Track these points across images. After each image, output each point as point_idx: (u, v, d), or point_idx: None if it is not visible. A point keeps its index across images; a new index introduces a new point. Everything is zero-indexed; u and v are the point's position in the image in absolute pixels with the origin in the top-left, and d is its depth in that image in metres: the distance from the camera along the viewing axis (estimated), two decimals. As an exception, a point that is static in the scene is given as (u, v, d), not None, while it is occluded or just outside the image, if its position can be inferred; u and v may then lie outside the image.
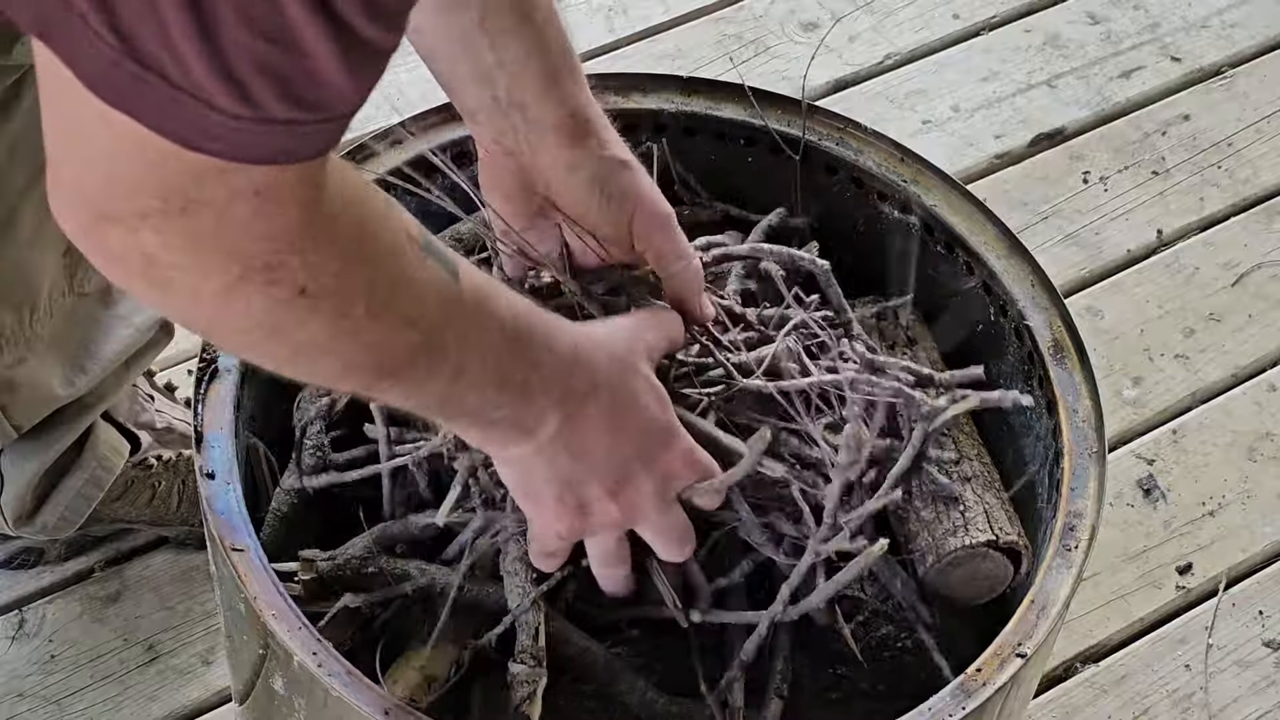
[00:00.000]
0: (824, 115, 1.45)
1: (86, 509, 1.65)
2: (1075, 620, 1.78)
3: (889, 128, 1.58)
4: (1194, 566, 1.85)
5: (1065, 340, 1.31)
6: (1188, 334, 2.05)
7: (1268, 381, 2.02)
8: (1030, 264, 1.36)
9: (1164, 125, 2.27)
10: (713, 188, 1.47)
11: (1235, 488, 1.92)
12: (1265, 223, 2.18)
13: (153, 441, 1.69)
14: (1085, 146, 2.24)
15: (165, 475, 1.70)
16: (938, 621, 1.21)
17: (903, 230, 1.41)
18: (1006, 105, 2.28)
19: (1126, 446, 1.94)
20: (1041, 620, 1.14)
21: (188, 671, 1.70)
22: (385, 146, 1.39)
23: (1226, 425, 1.97)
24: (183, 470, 1.70)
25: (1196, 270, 2.12)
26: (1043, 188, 2.19)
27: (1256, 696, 1.76)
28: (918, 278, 1.44)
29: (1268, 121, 2.29)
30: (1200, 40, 2.38)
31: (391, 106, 2.15)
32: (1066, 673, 1.77)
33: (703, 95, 1.46)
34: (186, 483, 1.71)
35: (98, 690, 1.69)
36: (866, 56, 2.32)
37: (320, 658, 1.09)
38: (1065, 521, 1.20)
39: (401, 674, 1.17)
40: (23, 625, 1.73)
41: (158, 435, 1.70)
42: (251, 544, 1.14)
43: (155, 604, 1.75)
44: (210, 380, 1.23)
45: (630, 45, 2.30)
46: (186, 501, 1.71)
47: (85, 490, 1.63)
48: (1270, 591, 1.84)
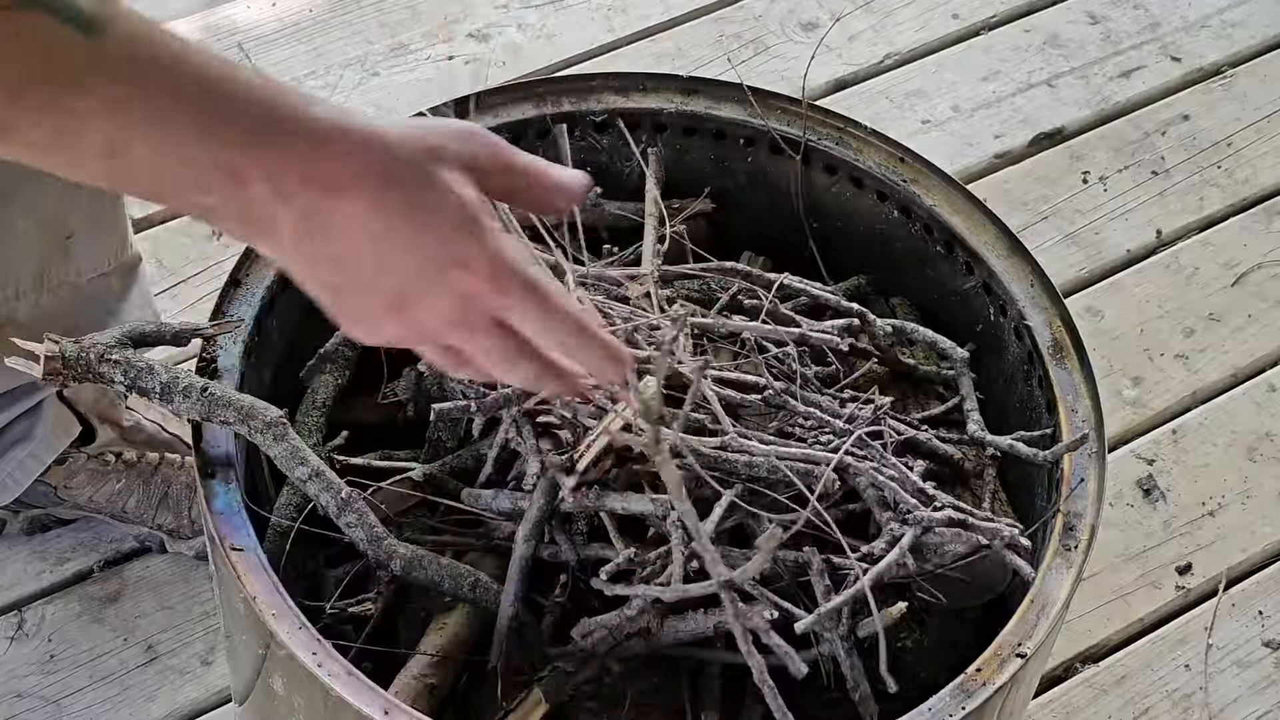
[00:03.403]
0: (824, 115, 1.45)
1: (27, 480, 1.70)
2: (1075, 620, 1.78)
3: (889, 128, 1.58)
4: (1194, 566, 1.85)
5: (1065, 340, 1.31)
6: (1188, 334, 2.05)
7: (1268, 381, 2.02)
8: (1030, 264, 1.36)
9: (1164, 125, 2.27)
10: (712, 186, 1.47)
11: (1235, 488, 1.92)
12: (1265, 223, 2.18)
13: (115, 437, 1.72)
14: (1085, 146, 2.24)
15: (124, 474, 1.73)
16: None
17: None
18: (1006, 105, 2.28)
19: (1126, 446, 1.94)
20: (1041, 620, 1.14)
21: (187, 671, 1.70)
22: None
23: (1226, 425, 1.97)
24: (145, 472, 1.73)
25: (1196, 270, 2.12)
26: (1043, 188, 2.19)
27: (1256, 696, 1.76)
28: (918, 277, 1.44)
29: (1268, 121, 2.29)
30: (1200, 40, 2.38)
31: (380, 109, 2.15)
32: (1066, 673, 1.77)
33: (703, 95, 1.46)
34: (149, 484, 1.73)
35: (97, 690, 1.68)
36: (866, 56, 2.32)
37: (320, 658, 1.09)
38: (1065, 522, 1.20)
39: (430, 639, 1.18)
40: (22, 625, 1.73)
41: (123, 432, 1.74)
42: (251, 544, 1.14)
43: (155, 604, 1.75)
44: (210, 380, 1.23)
45: (630, 45, 2.30)
46: (146, 504, 1.73)
47: (26, 462, 1.68)
48: (1270, 591, 1.84)
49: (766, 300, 1.31)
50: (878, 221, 1.45)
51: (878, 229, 1.45)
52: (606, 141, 1.46)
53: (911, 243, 1.43)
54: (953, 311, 1.42)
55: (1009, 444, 1.28)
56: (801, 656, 1.17)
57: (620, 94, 1.45)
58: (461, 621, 1.22)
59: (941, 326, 1.39)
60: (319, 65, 2.24)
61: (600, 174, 1.46)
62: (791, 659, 1.13)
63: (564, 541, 1.21)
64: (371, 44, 2.27)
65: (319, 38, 2.28)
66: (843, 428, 1.21)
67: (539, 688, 1.17)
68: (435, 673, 1.19)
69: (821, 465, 1.16)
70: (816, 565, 1.16)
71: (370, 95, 2.19)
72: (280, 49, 2.26)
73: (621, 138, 1.45)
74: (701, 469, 1.18)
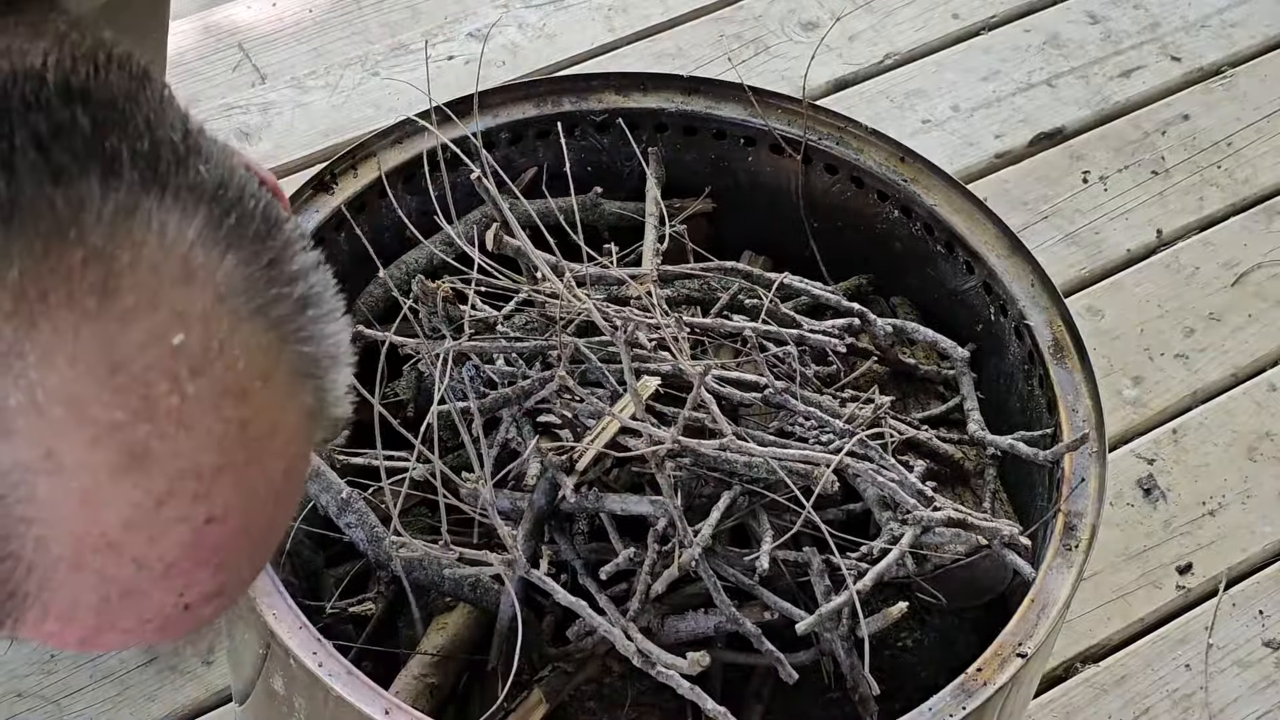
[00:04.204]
0: (824, 115, 1.45)
1: None
2: (1075, 620, 1.78)
3: (889, 127, 1.58)
4: (1194, 566, 1.85)
5: (1065, 340, 1.31)
6: (1188, 334, 2.05)
7: (1268, 381, 2.01)
8: (1030, 263, 1.36)
9: (1164, 125, 2.27)
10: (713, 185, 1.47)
11: (1235, 488, 1.91)
12: (1265, 223, 2.17)
13: None
14: (1085, 146, 2.24)
15: None
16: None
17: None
18: (1006, 105, 2.28)
19: (1126, 446, 1.94)
20: (1041, 620, 1.14)
21: (187, 671, 1.70)
22: (387, 145, 1.39)
23: (1226, 425, 1.97)
24: None
25: (1196, 270, 2.12)
26: (1042, 187, 2.19)
27: (1256, 696, 1.76)
28: (918, 277, 1.44)
29: (1268, 121, 2.29)
30: (1200, 40, 2.38)
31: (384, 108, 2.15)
32: (1066, 673, 1.77)
33: (703, 95, 1.46)
34: None
35: (97, 690, 1.68)
36: (866, 56, 2.31)
37: (320, 658, 1.09)
38: (1065, 521, 1.20)
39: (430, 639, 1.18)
40: (22, 625, 1.73)
41: None
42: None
43: (155, 604, 1.75)
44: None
45: (630, 45, 2.30)
46: None
47: None
48: (1270, 591, 1.84)
49: (766, 300, 1.31)
50: (878, 221, 1.45)
51: (878, 229, 1.45)
52: (607, 141, 1.46)
53: (912, 242, 1.43)
54: (953, 311, 1.42)
55: (1009, 444, 1.28)
56: (802, 656, 1.17)
57: (620, 94, 1.45)
58: (461, 621, 1.23)
59: (942, 326, 1.39)
60: (319, 65, 2.24)
61: (600, 174, 1.47)
62: (782, 665, 1.14)
63: (564, 541, 1.21)
64: (371, 44, 2.27)
65: (319, 38, 2.28)
66: (843, 428, 1.21)
67: (539, 688, 1.17)
68: (435, 673, 1.19)
69: (821, 466, 1.16)
70: (816, 565, 1.16)
71: (370, 95, 2.19)
72: (280, 49, 2.26)
73: (622, 137, 1.45)
74: (702, 469, 1.18)
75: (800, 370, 1.27)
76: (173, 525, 0.61)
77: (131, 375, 0.60)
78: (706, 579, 1.15)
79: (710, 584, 1.15)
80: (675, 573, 1.14)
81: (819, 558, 1.16)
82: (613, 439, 1.19)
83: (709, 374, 1.18)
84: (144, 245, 0.61)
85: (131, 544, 0.61)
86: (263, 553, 0.67)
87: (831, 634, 1.14)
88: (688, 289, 1.37)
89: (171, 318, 0.61)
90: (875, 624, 1.14)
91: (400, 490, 1.21)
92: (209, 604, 0.65)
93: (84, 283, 0.59)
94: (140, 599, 0.63)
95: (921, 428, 1.29)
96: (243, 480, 0.63)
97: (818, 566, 1.15)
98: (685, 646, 1.18)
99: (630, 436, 1.18)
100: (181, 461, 0.61)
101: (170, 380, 0.60)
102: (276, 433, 0.64)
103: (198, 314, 0.61)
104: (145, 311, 0.60)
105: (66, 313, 0.59)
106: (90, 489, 0.60)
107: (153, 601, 0.63)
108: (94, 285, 0.60)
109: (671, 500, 1.14)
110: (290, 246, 0.66)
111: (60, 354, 0.59)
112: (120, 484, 0.60)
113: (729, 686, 1.22)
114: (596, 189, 1.45)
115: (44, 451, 0.59)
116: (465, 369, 1.26)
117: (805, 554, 1.17)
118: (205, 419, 0.61)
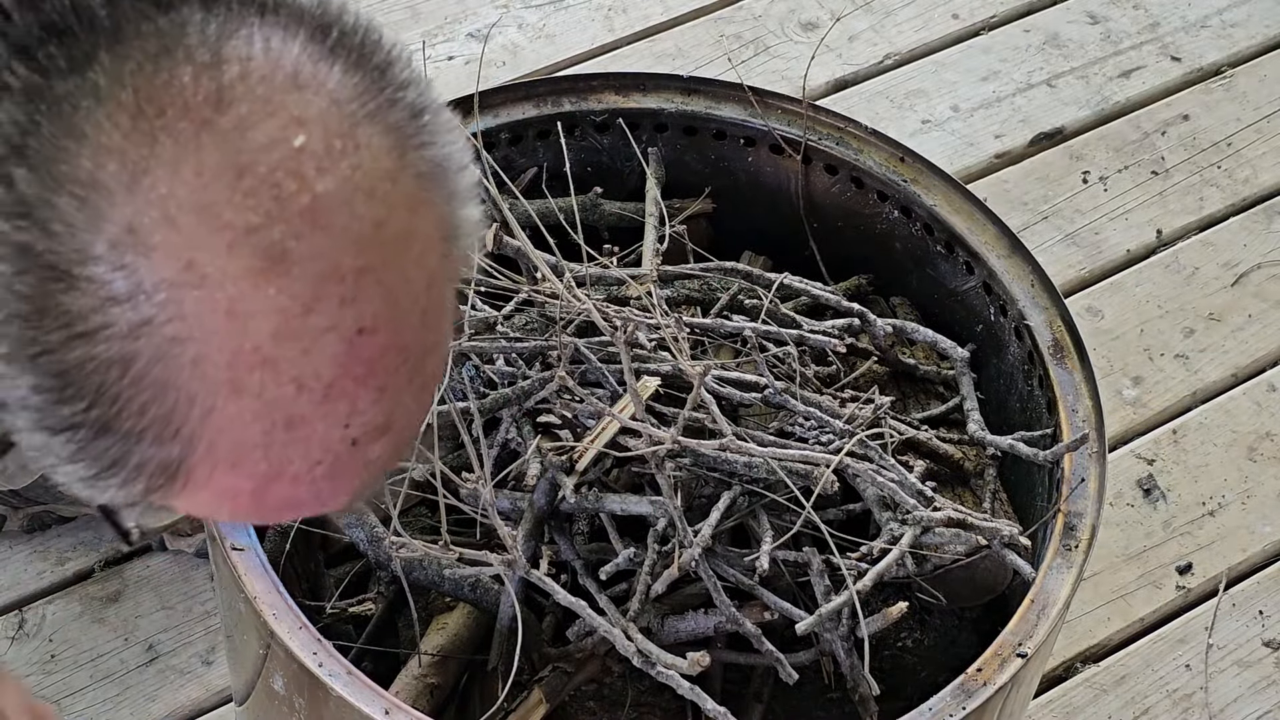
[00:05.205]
0: (824, 115, 1.45)
1: (38, 469, 1.66)
2: (1075, 620, 1.78)
3: (889, 128, 1.58)
4: (1194, 566, 1.85)
5: (1065, 340, 1.31)
6: (1188, 334, 2.05)
7: (1268, 381, 2.01)
8: (1030, 264, 1.36)
9: (1164, 125, 2.27)
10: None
11: (1235, 488, 1.91)
12: (1265, 223, 2.17)
13: None
14: (1085, 146, 2.24)
15: None
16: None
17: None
18: (1006, 105, 2.28)
19: (1126, 446, 1.94)
20: (1041, 620, 1.14)
21: (187, 671, 1.70)
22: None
23: (1226, 425, 1.97)
24: None
25: (1196, 270, 2.12)
26: (1042, 187, 2.19)
27: (1256, 696, 1.76)
28: (918, 277, 1.44)
29: (1267, 121, 2.28)
30: (1200, 40, 2.38)
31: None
32: (1066, 673, 1.77)
33: (703, 95, 1.46)
34: None
35: (98, 690, 1.68)
36: (866, 56, 2.31)
37: (320, 658, 1.09)
38: (1065, 521, 1.20)
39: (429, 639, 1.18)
40: (23, 625, 1.73)
41: None
42: (251, 543, 1.14)
43: (155, 604, 1.75)
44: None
45: (630, 45, 2.30)
46: None
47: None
48: (1270, 591, 1.84)
49: (766, 300, 1.31)
50: (878, 221, 1.45)
51: (878, 229, 1.45)
52: (607, 141, 1.46)
53: (912, 243, 1.43)
54: (953, 311, 1.42)
55: (1009, 444, 1.28)
56: (802, 656, 1.17)
57: (620, 94, 1.45)
58: (461, 621, 1.23)
59: (942, 326, 1.39)
60: (319, 65, 2.24)
61: (600, 174, 1.47)
62: (782, 665, 1.14)
63: (564, 542, 1.21)
64: (372, 44, 2.27)
65: (319, 38, 2.28)
66: (843, 428, 1.21)
67: (539, 688, 1.17)
68: (435, 673, 1.19)
69: (821, 466, 1.16)
70: (816, 565, 1.16)
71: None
72: (280, 49, 2.26)
73: (622, 137, 1.45)
74: (702, 469, 1.18)
75: (800, 370, 1.27)
76: (323, 335, 0.61)
77: (259, 177, 0.60)
78: (706, 579, 1.15)
79: (710, 584, 1.15)
80: (675, 573, 1.14)
81: (819, 558, 1.16)
82: (613, 439, 1.19)
83: (709, 374, 1.18)
84: (250, 60, 0.62)
85: (286, 357, 0.61)
86: (420, 382, 0.66)
87: (831, 634, 1.14)
88: (687, 289, 1.37)
89: (290, 121, 0.61)
90: (875, 624, 1.14)
91: (400, 490, 1.21)
92: (377, 441, 0.64)
93: (197, 96, 0.61)
94: (305, 431, 0.63)
95: (921, 428, 1.29)
96: (386, 285, 0.62)
97: (818, 566, 1.15)
98: (685, 647, 1.17)
99: (630, 436, 1.18)
100: (321, 263, 0.61)
101: (298, 180, 0.61)
102: (413, 238, 0.64)
103: (315, 116, 0.62)
104: (262, 117, 0.61)
105: (185, 124, 0.60)
106: (235, 298, 0.60)
107: (318, 434, 0.63)
108: (208, 97, 0.61)
109: (671, 500, 1.14)
110: (395, 60, 0.67)
111: (185, 164, 0.60)
112: (264, 289, 0.60)
113: (729, 686, 1.22)
114: (596, 189, 1.45)
115: (184, 263, 0.60)
116: (465, 369, 1.26)
117: (805, 554, 1.16)
118: (339, 217, 0.61)
